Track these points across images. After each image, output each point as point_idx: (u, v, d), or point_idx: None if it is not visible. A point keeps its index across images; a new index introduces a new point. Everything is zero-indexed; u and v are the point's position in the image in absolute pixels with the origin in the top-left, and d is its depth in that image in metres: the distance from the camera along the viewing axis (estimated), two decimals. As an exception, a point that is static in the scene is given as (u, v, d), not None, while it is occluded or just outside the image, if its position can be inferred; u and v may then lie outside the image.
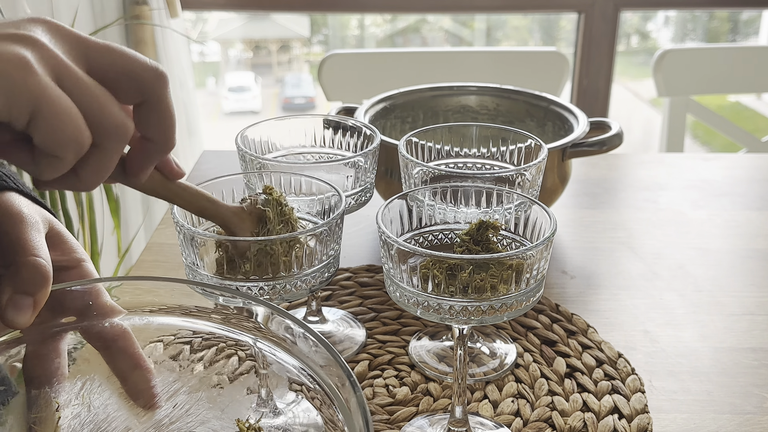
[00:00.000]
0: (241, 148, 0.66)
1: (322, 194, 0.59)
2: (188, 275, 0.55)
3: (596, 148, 0.87)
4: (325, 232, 0.53)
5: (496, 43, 3.31)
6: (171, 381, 0.49)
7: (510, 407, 0.65)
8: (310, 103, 3.99)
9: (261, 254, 0.52)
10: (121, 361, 0.47)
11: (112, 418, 0.47)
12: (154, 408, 0.47)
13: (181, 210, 0.54)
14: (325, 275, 0.56)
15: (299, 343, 0.43)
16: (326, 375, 0.41)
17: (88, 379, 0.47)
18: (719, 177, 1.12)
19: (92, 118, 0.39)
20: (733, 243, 0.94)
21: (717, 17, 3.35)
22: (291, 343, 0.44)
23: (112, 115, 0.40)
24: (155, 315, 0.49)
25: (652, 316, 0.79)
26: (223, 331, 0.48)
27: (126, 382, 0.47)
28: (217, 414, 0.49)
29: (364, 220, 0.98)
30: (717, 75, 1.65)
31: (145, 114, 0.43)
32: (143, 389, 0.47)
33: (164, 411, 0.48)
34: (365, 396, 0.66)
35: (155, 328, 0.49)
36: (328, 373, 0.41)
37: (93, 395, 0.47)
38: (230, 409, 0.49)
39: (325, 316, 0.76)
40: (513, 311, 0.52)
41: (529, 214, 0.56)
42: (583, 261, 0.89)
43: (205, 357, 0.51)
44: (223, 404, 0.50)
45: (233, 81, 4.05)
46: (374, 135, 0.69)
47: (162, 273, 0.86)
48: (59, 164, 0.40)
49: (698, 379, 0.69)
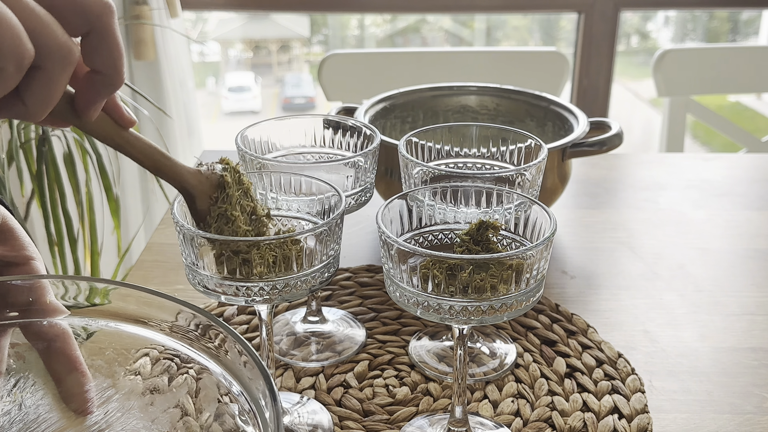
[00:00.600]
0: (241, 148, 0.66)
1: (322, 194, 0.59)
2: (188, 275, 0.55)
3: (596, 148, 0.87)
4: (325, 232, 0.53)
5: (496, 43, 3.31)
6: (104, 387, 0.49)
7: (510, 407, 0.65)
8: (310, 103, 3.99)
9: (221, 220, 0.51)
10: (57, 362, 0.46)
11: (42, 419, 0.46)
12: (85, 413, 0.47)
13: (181, 210, 0.54)
14: (325, 275, 0.56)
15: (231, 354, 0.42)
16: (254, 388, 0.40)
17: (22, 377, 0.46)
18: (719, 177, 1.12)
19: (35, 35, 0.39)
20: (733, 243, 0.94)
21: (717, 17, 3.35)
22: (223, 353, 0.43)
23: (55, 35, 0.40)
24: (106, 319, 0.47)
25: (652, 316, 0.79)
26: (172, 342, 0.47)
27: (60, 384, 0.46)
28: (147, 425, 0.48)
29: (364, 220, 0.98)
30: (717, 75, 1.65)
31: (92, 44, 0.42)
32: (77, 393, 0.47)
33: (95, 417, 0.47)
34: (365, 396, 0.66)
35: (105, 333, 0.48)
36: (255, 385, 0.40)
37: (26, 394, 0.46)
38: (160, 421, 0.49)
39: (325, 316, 0.76)
40: (513, 311, 0.52)
41: (529, 214, 0.56)
42: (583, 261, 0.89)
43: (143, 367, 0.50)
44: (153, 415, 0.49)
45: (233, 81, 4.05)
46: (374, 135, 0.69)
47: (162, 273, 0.86)
48: (1, 76, 0.38)
49: (698, 379, 0.69)
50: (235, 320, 0.77)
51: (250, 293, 0.53)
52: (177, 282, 0.84)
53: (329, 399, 0.66)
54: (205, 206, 0.52)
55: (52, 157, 1.33)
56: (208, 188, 0.52)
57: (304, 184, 0.60)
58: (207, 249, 0.52)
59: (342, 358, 0.71)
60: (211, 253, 0.53)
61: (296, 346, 0.72)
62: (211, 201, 0.52)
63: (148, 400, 0.49)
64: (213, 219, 0.52)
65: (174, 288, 0.83)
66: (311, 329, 0.75)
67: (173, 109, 1.97)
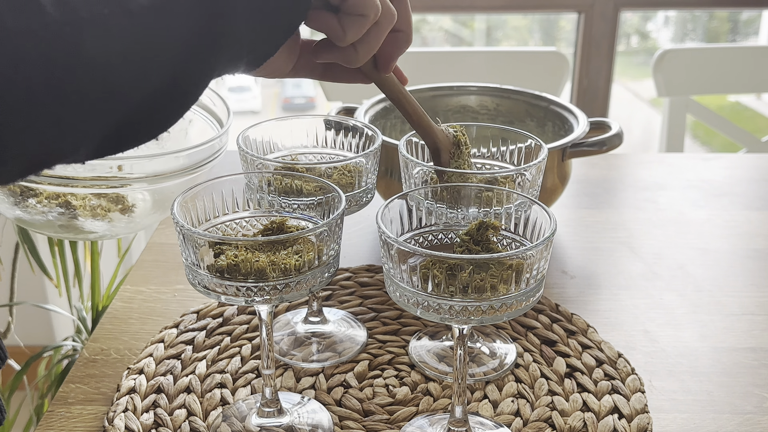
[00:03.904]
0: (243, 148, 0.66)
1: (323, 195, 0.59)
2: (188, 275, 0.55)
3: (596, 148, 0.87)
4: (324, 232, 0.53)
5: (496, 43, 3.30)
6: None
7: (510, 407, 0.65)
8: (310, 103, 3.99)
9: (455, 171, 0.64)
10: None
11: None
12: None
13: (181, 210, 0.54)
14: (325, 275, 0.56)
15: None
16: None
17: None
18: (719, 177, 1.12)
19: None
20: (733, 243, 0.94)
21: (717, 17, 3.35)
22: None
23: (388, 1, 0.54)
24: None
25: (652, 316, 0.79)
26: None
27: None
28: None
29: (364, 220, 0.98)
30: (717, 75, 1.65)
31: (395, 7, 0.56)
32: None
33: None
34: (365, 396, 0.66)
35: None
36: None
37: None
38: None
39: (326, 316, 0.76)
40: (513, 311, 0.52)
41: (529, 214, 0.56)
42: (583, 261, 0.89)
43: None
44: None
45: (233, 81, 4.04)
46: (376, 136, 0.69)
47: (162, 273, 0.86)
48: (363, 21, 0.53)
49: (698, 379, 0.69)
50: (235, 320, 0.77)
51: (250, 293, 0.53)
52: (177, 282, 0.84)
53: (329, 399, 0.66)
54: (447, 159, 0.65)
55: (53, 157, 1.33)
56: (449, 145, 0.65)
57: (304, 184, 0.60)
58: (206, 249, 0.53)
59: (343, 358, 0.71)
60: (210, 253, 0.53)
61: (297, 346, 0.73)
62: (451, 155, 0.65)
63: None
64: (452, 168, 0.64)
65: (174, 288, 0.83)
66: (312, 330, 0.75)
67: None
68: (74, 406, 0.66)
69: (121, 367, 0.71)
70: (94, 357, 0.72)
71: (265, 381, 0.61)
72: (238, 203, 0.61)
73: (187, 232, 0.52)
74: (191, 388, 0.67)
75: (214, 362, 0.71)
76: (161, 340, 0.73)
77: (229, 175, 0.60)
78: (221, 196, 0.60)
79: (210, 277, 0.53)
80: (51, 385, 1.36)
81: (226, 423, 0.63)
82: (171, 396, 0.66)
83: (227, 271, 0.52)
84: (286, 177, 0.61)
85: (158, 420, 0.63)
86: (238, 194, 0.61)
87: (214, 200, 0.59)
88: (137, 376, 0.68)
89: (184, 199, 0.56)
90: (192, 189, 0.57)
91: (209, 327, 0.75)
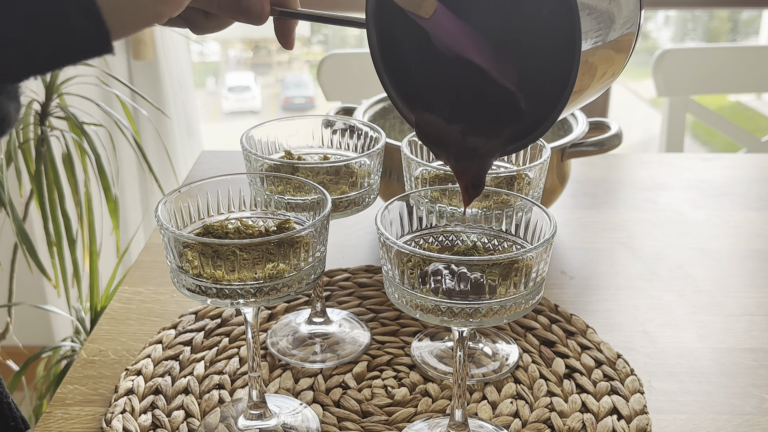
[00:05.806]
0: (246, 148, 0.66)
1: (310, 196, 0.59)
2: (173, 279, 0.54)
3: (595, 148, 0.86)
4: (311, 234, 0.53)
5: (495, 42, 3.29)
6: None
7: (509, 408, 0.65)
8: (310, 103, 3.99)
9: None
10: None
11: None
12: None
13: (165, 212, 0.54)
14: (311, 277, 0.55)
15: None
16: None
17: None
18: (719, 177, 1.12)
19: None
20: (732, 243, 0.93)
21: (717, 17, 3.35)
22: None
23: None
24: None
25: (652, 317, 0.78)
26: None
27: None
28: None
29: (364, 220, 0.98)
30: (717, 75, 1.65)
31: None
32: None
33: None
34: (364, 397, 0.66)
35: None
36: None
37: None
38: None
39: (330, 317, 0.76)
40: (512, 313, 0.51)
41: (529, 216, 0.56)
42: (583, 261, 0.89)
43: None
44: None
45: (233, 81, 4.04)
46: (379, 136, 0.69)
47: (160, 274, 0.86)
48: None
49: (697, 380, 0.69)
50: (233, 321, 0.76)
51: (235, 296, 0.52)
52: (176, 283, 0.84)
53: (327, 400, 0.66)
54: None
55: (51, 157, 1.33)
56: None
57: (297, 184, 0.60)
58: (189, 251, 0.52)
59: (345, 359, 0.71)
60: (192, 255, 0.52)
61: (298, 346, 0.72)
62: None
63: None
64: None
65: (172, 289, 0.83)
66: (315, 330, 0.74)
67: (172, 110, 1.97)
68: (72, 407, 0.66)
69: (119, 368, 0.71)
70: (92, 358, 0.72)
71: (252, 383, 0.61)
72: (234, 204, 0.61)
73: (170, 235, 0.52)
74: (189, 390, 0.67)
75: (212, 363, 0.71)
76: (159, 341, 0.73)
77: (229, 174, 0.60)
78: (222, 195, 0.60)
79: (192, 279, 0.53)
80: (50, 385, 1.36)
81: (213, 423, 0.63)
82: (169, 397, 0.66)
83: (210, 273, 0.52)
84: (277, 178, 0.60)
85: (156, 421, 0.63)
86: (236, 193, 0.61)
87: (199, 203, 0.59)
88: (135, 377, 0.68)
89: (169, 200, 0.56)
90: (178, 190, 0.57)
91: (207, 328, 0.75)
